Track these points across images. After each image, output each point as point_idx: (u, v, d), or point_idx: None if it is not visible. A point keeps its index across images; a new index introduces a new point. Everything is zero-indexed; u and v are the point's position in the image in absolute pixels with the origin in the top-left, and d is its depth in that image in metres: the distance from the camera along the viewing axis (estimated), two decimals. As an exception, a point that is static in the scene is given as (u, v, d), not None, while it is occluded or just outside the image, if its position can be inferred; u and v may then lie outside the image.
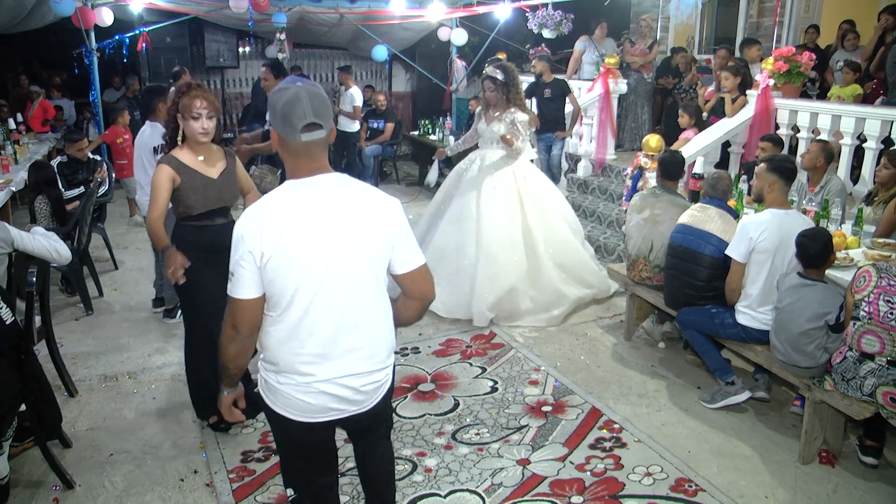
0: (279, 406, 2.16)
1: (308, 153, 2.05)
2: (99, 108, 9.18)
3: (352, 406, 2.19)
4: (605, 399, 4.17)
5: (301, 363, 2.10)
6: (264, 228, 1.99)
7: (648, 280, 4.67)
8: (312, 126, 2.00)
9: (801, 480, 3.42)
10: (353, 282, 2.09)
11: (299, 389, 2.12)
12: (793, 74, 5.87)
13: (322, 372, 2.11)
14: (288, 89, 2.02)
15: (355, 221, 2.07)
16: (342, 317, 2.10)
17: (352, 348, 2.13)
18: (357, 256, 2.08)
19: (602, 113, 7.74)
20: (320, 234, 2.02)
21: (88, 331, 5.11)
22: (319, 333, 2.08)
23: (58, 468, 3.27)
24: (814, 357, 3.48)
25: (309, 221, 2.02)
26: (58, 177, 5.94)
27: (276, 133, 2.06)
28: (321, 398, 2.13)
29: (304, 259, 2.01)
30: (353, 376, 2.15)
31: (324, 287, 2.05)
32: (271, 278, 2.02)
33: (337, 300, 2.07)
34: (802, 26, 8.54)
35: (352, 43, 11.44)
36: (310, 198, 2.05)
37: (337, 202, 2.07)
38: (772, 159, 3.97)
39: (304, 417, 2.16)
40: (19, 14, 7.83)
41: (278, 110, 2.01)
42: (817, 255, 3.48)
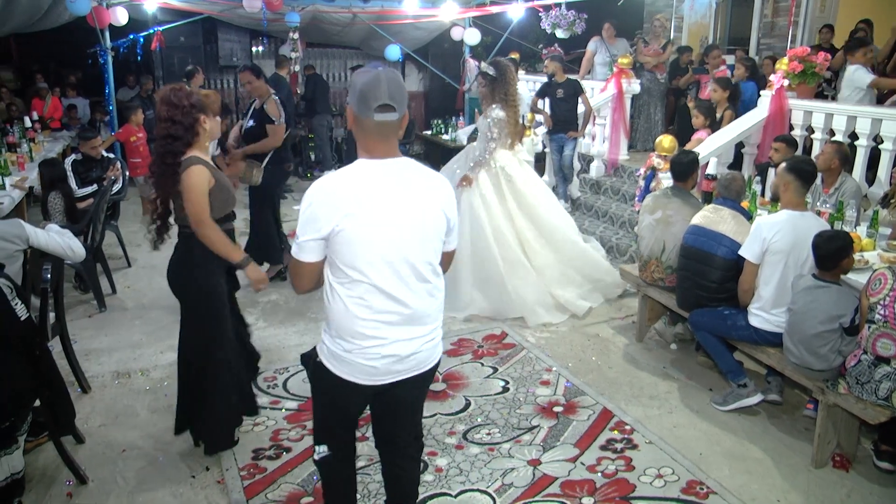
0: (344, 372, 2.30)
1: (379, 133, 2.17)
2: (113, 106, 9.23)
3: (408, 369, 2.34)
4: (616, 400, 4.15)
5: (368, 331, 2.24)
6: (335, 201, 2.12)
7: (661, 281, 4.65)
8: (386, 107, 2.12)
9: (813, 484, 3.39)
10: (418, 255, 2.24)
11: (365, 355, 2.26)
12: (807, 75, 5.82)
13: (388, 335, 2.25)
14: (369, 71, 2.16)
15: (420, 202, 2.23)
16: (406, 287, 2.24)
17: (413, 317, 2.28)
18: (421, 233, 2.23)
19: (615, 113, 7.71)
20: (389, 211, 2.16)
21: (101, 327, 5.15)
22: (386, 304, 2.22)
23: (71, 463, 3.30)
24: (827, 360, 3.45)
25: (379, 198, 2.15)
26: (70, 174, 5.99)
27: (352, 111, 2.18)
28: (385, 362, 2.28)
29: (374, 233, 2.15)
30: (417, 339, 2.31)
31: (391, 261, 2.19)
32: (340, 250, 2.16)
33: (403, 272, 2.22)
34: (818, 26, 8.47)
35: (365, 42, 11.46)
36: (380, 176, 2.18)
37: (405, 182, 2.21)
38: (792, 159, 3.96)
39: (368, 381, 2.31)
40: (36, 14, 7.89)
41: (357, 89, 2.14)
42: (832, 257, 3.45)
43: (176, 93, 3.20)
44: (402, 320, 2.26)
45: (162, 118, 3.20)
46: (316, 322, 5.25)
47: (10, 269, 3.15)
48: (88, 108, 10.92)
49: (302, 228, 2.18)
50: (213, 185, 3.23)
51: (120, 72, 10.06)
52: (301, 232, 2.18)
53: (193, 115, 3.21)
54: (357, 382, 2.31)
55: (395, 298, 2.23)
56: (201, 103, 3.24)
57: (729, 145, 6.19)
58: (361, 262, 2.17)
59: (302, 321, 5.26)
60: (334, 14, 9.91)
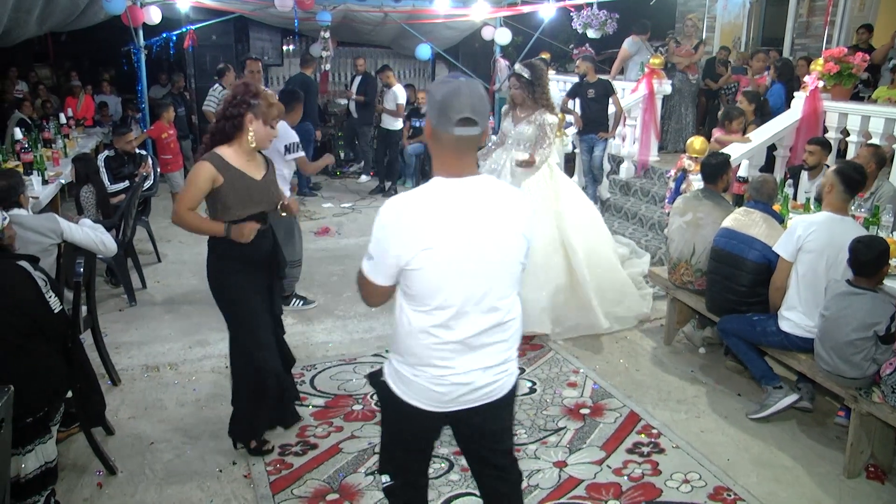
0: (412, 397, 2.17)
1: (458, 149, 2.04)
2: (145, 104, 9.37)
3: (485, 397, 2.20)
4: (643, 403, 4.11)
5: (440, 358, 2.10)
6: (412, 232, 1.99)
7: (690, 284, 4.60)
8: (468, 121, 1.98)
9: (846, 495, 3.32)
10: (498, 282, 2.10)
11: (434, 381, 2.12)
12: (843, 76, 5.71)
13: (460, 365, 2.12)
14: (449, 82, 2.02)
15: (502, 229, 2.08)
16: (485, 315, 2.10)
17: (489, 343, 2.15)
18: (502, 264, 2.10)
19: (645, 114, 7.65)
20: (470, 244, 2.02)
21: (132, 321, 5.22)
22: (461, 331, 2.08)
23: (101, 454, 3.35)
24: (861, 368, 3.38)
25: (459, 230, 2.01)
26: (103, 169, 6.09)
27: (430, 125, 2.06)
28: (456, 389, 2.14)
29: (449, 257, 2.01)
30: (488, 368, 2.16)
31: (469, 286, 2.05)
32: (415, 277, 2.02)
33: (481, 299, 2.08)
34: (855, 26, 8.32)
35: (395, 41, 11.49)
36: (459, 202, 2.03)
37: (483, 204, 2.06)
38: (843, 163, 3.91)
39: (435, 407, 2.17)
40: (73, 13, 8.03)
41: (437, 101, 2.00)
42: (870, 263, 3.37)
43: (239, 85, 3.24)
44: (478, 349, 2.13)
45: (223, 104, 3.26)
46: (343, 320, 5.27)
47: (44, 262, 3.21)
48: (120, 106, 11.10)
49: (375, 250, 2.06)
50: (222, 184, 3.15)
51: (153, 70, 10.20)
52: (374, 253, 2.06)
53: (241, 109, 3.16)
54: (423, 408, 2.17)
55: (470, 329, 2.09)
56: (255, 102, 3.17)
57: (761, 147, 6.10)
58: (438, 296, 2.04)
59: (330, 319, 5.29)
60: (365, 13, 9.95)
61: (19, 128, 6.88)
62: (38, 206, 5.36)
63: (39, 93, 10.14)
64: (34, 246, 3.64)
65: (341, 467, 3.44)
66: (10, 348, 2.74)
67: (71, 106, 9.59)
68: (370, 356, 4.68)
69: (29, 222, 3.72)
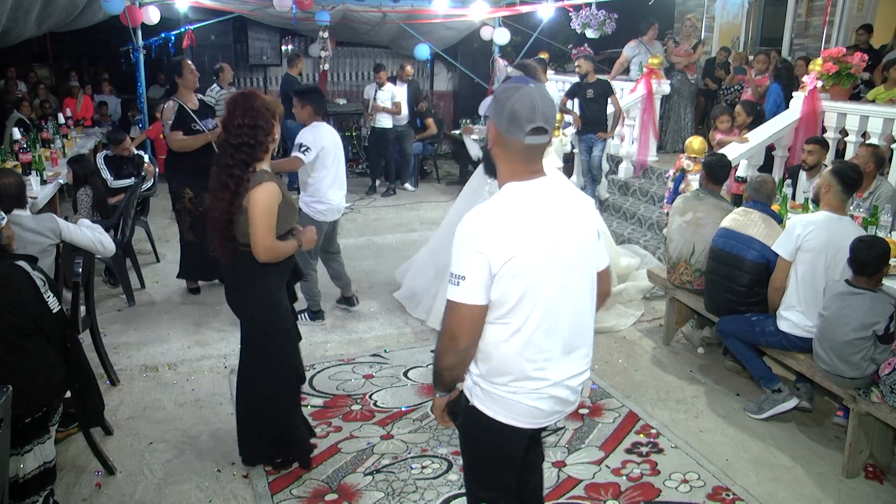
0: (508, 416, 2.09)
1: (527, 156, 1.99)
2: (144, 104, 9.36)
3: (568, 407, 2.18)
4: (642, 403, 4.12)
5: (536, 369, 2.04)
6: (497, 233, 1.93)
7: (689, 284, 4.60)
8: (540, 130, 1.95)
9: (844, 494, 3.33)
10: (580, 281, 2.07)
11: (531, 396, 2.06)
12: (842, 76, 5.71)
13: (553, 375, 2.07)
14: (519, 88, 1.97)
15: (576, 222, 2.05)
16: (572, 318, 2.07)
17: (576, 347, 2.11)
18: (581, 255, 2.06)
19: (644, 114, 7.65)
20: (550, 237, 1.98)
21: (130, 321, 5.21)
22: (554, 337, 2.04)
23: (100, 454, 3.34)
24: (859, 368, 3.38)
25: (538, 224, 1.97)
26: (103, 166, 6.08)
27: (497, 131, 2.00)
28: (550, 402, 2.09)
29: (538, 262, 1.96)
30: (576, 376, 2.13)
31: (557, 289, 2.01)
32: (508, 284, 1.94)
33: (568, 301, 2.04)
34: (854, 26, 8.32)
35: (394, 41, 11.49)
36: (537, 201, 2.00)
37: (558, 204, 2.03)
38: (840, 163, 3.91)
39: (531, 424, 2.12)
40: (72, 13, 8.02)
41: (506, 109, 1.95)
42: (870, 263, 3.38)
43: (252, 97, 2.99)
44: (565, 356, 2.08)
45: (242, 124, 2.94)
46: (342, 320, 5.27)
47: (43, 262, 3.20)
48: (119, 106, 11.09)
49: (465, 268, 1.94)
50: (281, 202, 3.00)
51: (152, 70, 10.19)
52: (463, 271, 1.94)
53: (272, 121, 3.00)
54: (518, 426, 2.10)
55: (559, 334, 2.05)
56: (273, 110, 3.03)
57: (760, 148, 6.11)
58: (524, 300, 1.97)
59: (329, 318, 5.28)
60: (364, 13, 9.94)
61: (18, 128, 6.87)
62: (37, 206, 5.35)
63: (38, 93, 10.12)
64: (33, 246, 3.64)
65: (340, 467, 3.44)
66: (8, 348, 2.73)
67: (70, 106, 9.58)
68: (369, 356, 4.68)
69: (28, 222, 3.72)
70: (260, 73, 11.68)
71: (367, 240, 7.44)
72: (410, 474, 3.40)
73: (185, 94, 5.37)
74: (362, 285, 5.98)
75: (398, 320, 5.31)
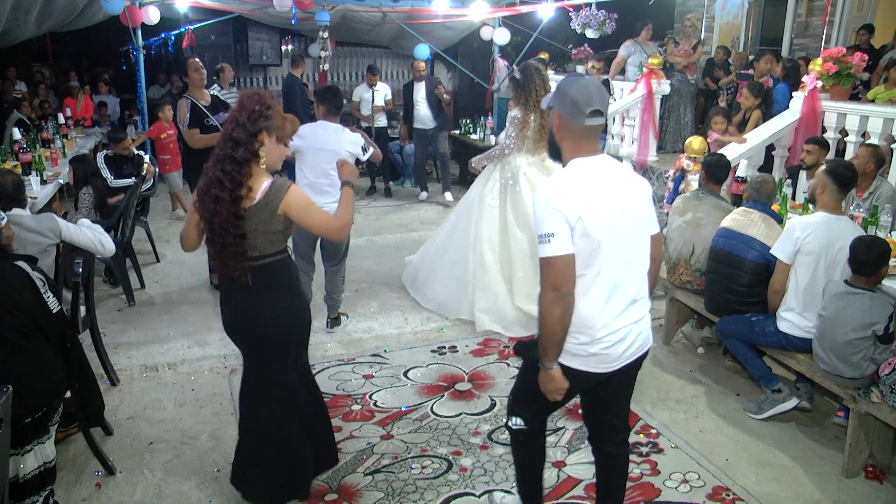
0: (581, 365, 2.42)
1: (587, 136, 2.38)
2: (144, 104, 9.36)
3: (634, 352, 2.50)
4: (642, 403, 4.11)
5: (613, 319, 2.38)
6: (569, 195, 2.28)
7: (689, 284, 4.60)
8: (597, 113, 2.32)
9: (844, 494, 3.33)
10: (638, 238, 2.44)
11: (601, 344, 2.39)
12: (842, 76, 5.71)
13: (626, 322, 2.41)
14: (579, 79, 2.38)
15: (631, 189, 2.43)
16: (635, 269, 2.43)
17: (638, 299, 2.46)
18: (638, 216, 2.43)
19: (644, 114, 7.64)
20: (613, 199, 2.34)
21: (130, 321, 5.21)
22: (624, 288, 2.38)
23: (100, 454, 3.35)
24: (859, 368, 3.38)
25: (602, 189, 2.33)
26: (104, 166, 6.08)
27: (561, 116, 2.39)
28: (617, 347, 2.42)
29: (606, 220, 2.30)
30: (640, 322, 2.48)
31: (622, 246, 2.35)
32: (581, 241, 2.27)
33: (632, 257, 2.40)
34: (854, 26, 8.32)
35: (394, 41, 11.48)
36: (598, 172, 2.37)
37: (616, 174, 2.42)
38: (833, 163, 3.90)
39: (601, 369, 2.45)
40: (72, 13, 8.02)
41: (569, 96, 2.33)
42: (869, 263, 3.37)
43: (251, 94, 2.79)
44: (629, 306, 2.42)
45: (229, 119, 2.80)
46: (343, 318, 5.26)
47: (43, 262, 3.20)
48: (118, 106, 11.09)
49: (551, 226, 2.25)
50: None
51: (151, 70, 10.19)
52: (551, 229, 2.25)
53: (259, 124, 2.73)
54: (590, 371, 2.43)
55: (623, 286, 2.38)
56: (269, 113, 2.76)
57: (760, 147, 6.10)
58: (595, 255, 2.29)
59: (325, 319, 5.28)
60: (364, 13, 9.93)
61: (18, 128, 6.87)
62: (37, 206, 5.35)
63: (38, 93, 10.13)
64: (33, 246, 3.64)
65: (340, 467, 3.44)
66: (8, 348, 2.73)
67: (70, 106, 9.58)
68: (369, 356, 4.68)
69: (27, 222, 3.72)
70: (260, 73, 11.68)
71: (367, 240, 7.43)
72: (410, 474, 3.40)
73: (195, 91, 5.45)
74: (362, 285, 5.98)
75: (398, 320, 5.31)
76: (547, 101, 2.47)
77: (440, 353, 4.75)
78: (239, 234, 2.74)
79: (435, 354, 4.72)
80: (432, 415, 3.95)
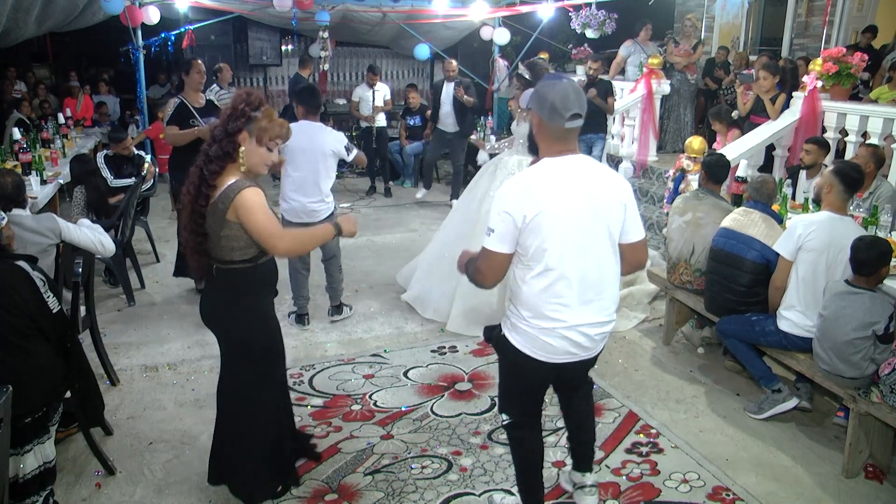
0: (525, 346, 2.57)
1: (565, 138, 2.47)
2: (144, 103, 9.37)
3: (583, 352, 2.59)
4: (642, 403, 4.12)
5: (552, 311, 2.48)
6: (528, 194, 2.40)
7: (689, 284, 4.60)
8: (577, 116, 2.42)
9: (844, 494, 3.33)
10: (598, 242, 2.49)
11: (546, 333, 2.51)
12: (842, 76, 5.71)
13: (568, 319, 2.50)
14: (557, 83, 2.44)
15: (599, 192, 2.48)
16: (588, 271, 2.48)
17: (592, 300, 2.52)
18: (601, 220, 2.48)
19: (644, 114, 7.65)
20: (573, 200, 2.43)
21: (130, 321, 5.21)
22: (570, 286, 2.46)
23: (100, 454, 3.34)
24: (859, 367, 3.38)
25: (564, 190, 2.42)
26: (103, 166, 6.08)
27: (540, 118, 2.47)
28: (563, 342, 2.53)
29: (561, 219, 2.40)
30: (591, 325, 2.54)
31: (575, 245, 2.44)
32: (532, 236, 2.41)
33: (585, 257, 2.47)
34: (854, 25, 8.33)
35: (394, 41, 11.49)
36: (564, 171, 2.46)
37: (585, 176, 2.48)
38: (840, 163, 3.91)
39: (544, 357, 2.56)
40: (72, 13, 8.03)
41: (548, 100, 2.41)
42: (869, 263, 3.37)
43: (242, 92, 2.68)
44: (584, 305, 2.50)
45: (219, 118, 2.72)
46: (342, 320, 5.27)
47: (43, 262, 3.20)
48: (118, 106, 11.09)
49: (497, 222, 2.43)
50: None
51: (151, 70, 10.19)
52: (496, 225, 2.43)
53: (237, 124, 2.63)
54: (536, 358, 2.56)
55: (577, 284, 2.46)
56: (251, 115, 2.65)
57: (759, 147, 6.10)
58: (550, 250, 2.41)
59: (328, 319, 5.28)
60: (364, 13, 9.94)
61: (18, 128, 6.87)
62: (37, 206, 5.35)
63: (38, 93, 10.13)
64: (33, 246, 3.64)
65: (340, 467, 3.44)
66: (8, 348, 2.73)
67: (70, 106, 9.59)
68: (368, 356, 4.68)
69: (27, 222, 3.72)
70: (260, 73, 11.68)
71: (367, 240, 7.44)
72: (410, 474, 3.40)
73: (190, 92, 5.40)
74: (362, 285, 5.98)
75: (398, 320, 5.31)
76: (525, 101, 2.56)
77: (440, 353, 4.75)
78: (198, 232, 2.71)
79: (435, 354, 4.72)
80: (432, 415, 3.95)
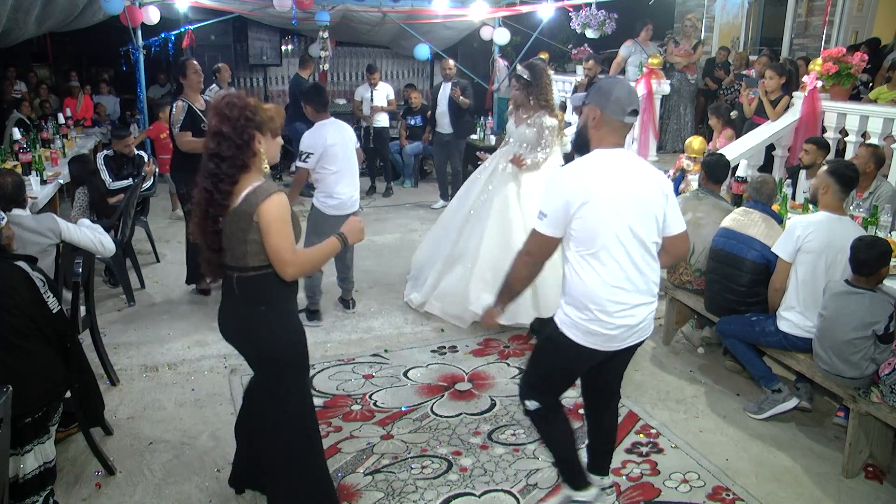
0: (582, 339, 2.65)
1: (620, 131, 2.63)
2: (144, 103, 9.37)
3: (637, 335, 2.70)
4: (642, 403, 4.12)
5: (610, 300, 2.57)
6: (582, 181, 2.55)
7: (689, 284, 4.60)
8: (635, 112, 2.59)
9: (844, 495, 3.33)
10: (645, 229, 2.59)
11: (605, 325, 2.60)
12: (842, 76, 5.71)
13: (625, 305, 2.59)
14: (619, 81, 2.72)
15: (645, 182, 2.62)
16: (637, 258, 2.59)
17: (641, 285, 2.63)
18: (648, 208, 2.60)
19: (644, 114, 7.62)
20: (623, 189, 2.55)
21: (130, 321, 5.21)
22: (623, 272, 2.57)
23: (100, 454, 3.34)
24: (859, 367, 3.38)
25: (616, 179, 2.56)
26: (103, 167, 6.07)
27: (600, 111, 2.59)
28: (621, 330, 2.62)
29: (613, 208, 2.52)
30: (642, 306, 2.65)
31: (627, 232, 2.55)
32: (585, 223, 2.53)
33: (635, 244, 2.57)
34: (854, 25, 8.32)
35: (394, 41, 11.48)
36: (615, 162, 2.60)
37: (633, 168, 2.62)
38: (835, 163, 3.90)
39: (604, 346, 2.66)
40: (72, 13, 8.03)
41: (612, 95, 2.56)
42: (868, 263, 3.37)
43: (228, 102, 2.58)
44: (632, 291, 2.60)
45: (210, 132, 2.61)
46: (342, 320, 5.28)
47: (43, 262, 3.20)
48: (118, 106, 11.08)
49: (549, 207, 2.57)
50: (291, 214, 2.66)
51: (151, 70, 10.18)
52: (548, 210, 2.57)
53: (248, 130, 2.57)
54: (593, 348, 2.65)
55: (627, 270, 2.56)
56: (257, 118, 2.60)
57: (759, 147, 6.11)
58: (601, 236, 2.52)
59: (328, 318, 5.28)
60: (364, 13, 9.93)
61: (18, 128, 6.87)
62: (37, 206, 5.34)
63: (40, 93, 10.13)
64: (33, 246, 3.64)
65: (340, 467, 3.44)
66: (8, 348, 2.73)
67: (70, 106, 9.58)
68: (369, 356, 4.68)
69: (27, 222, 3.72)
70: (260, 73, 11.67)
71: (367, 240, 7.33)
72: (410, 474, 3.40)
73: (191, 94, 5.36)
74: (362, 285, 5.98)
75: (398, 320, 5.31)
76: (578, 100, 2.65)
77: (440, 353, 4.75)
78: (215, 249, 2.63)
79: (435, 354, 4.72)
80: (432, 415, 3.95)
